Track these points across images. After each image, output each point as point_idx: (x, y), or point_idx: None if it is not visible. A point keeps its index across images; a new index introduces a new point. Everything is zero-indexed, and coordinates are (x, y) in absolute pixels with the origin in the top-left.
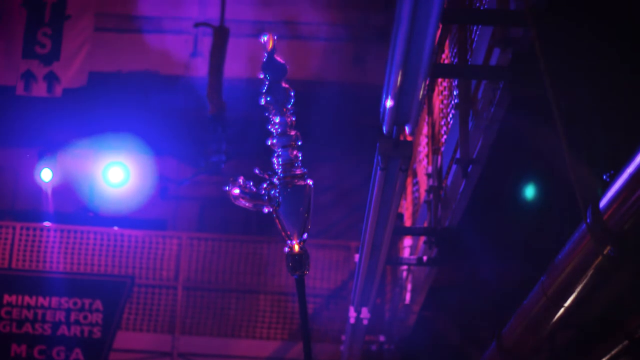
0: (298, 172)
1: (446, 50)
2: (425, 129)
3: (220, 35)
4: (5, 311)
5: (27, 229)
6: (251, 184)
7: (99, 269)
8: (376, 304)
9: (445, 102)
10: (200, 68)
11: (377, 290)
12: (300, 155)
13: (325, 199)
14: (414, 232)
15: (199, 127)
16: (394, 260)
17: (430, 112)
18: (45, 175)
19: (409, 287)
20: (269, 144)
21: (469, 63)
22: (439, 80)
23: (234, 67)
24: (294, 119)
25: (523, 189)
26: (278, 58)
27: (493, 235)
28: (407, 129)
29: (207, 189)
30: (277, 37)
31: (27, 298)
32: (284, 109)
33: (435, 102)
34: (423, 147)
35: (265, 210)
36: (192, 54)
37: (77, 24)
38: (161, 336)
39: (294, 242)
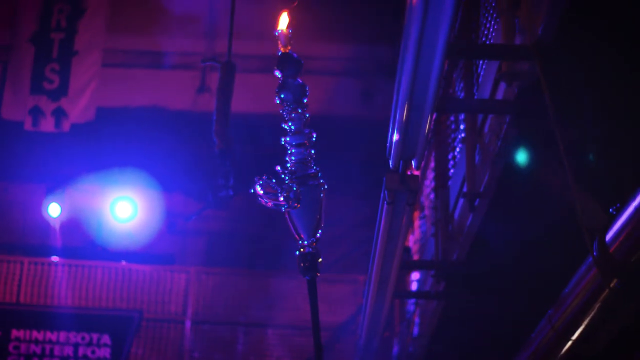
0: (311, 171)
1: (453, 84)
2: (432, 163)
3: (227, 71)
4: (13, 346)
5: (35, 263)
6: (273, 181)
7: (107, 304)
8: (384, 337)
9: (452, 135)
10: (208, 103)
11: (385, 324)
12: (313, 153)
13: (333, 232)
14: (421, 266)
15: (206, 162)
16: (402, 294)
17: (437, 146)
18: (53, 210)
19: (417, 320)
20: (283, 142)
21: (475, 97)
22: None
23: (241, 102)
24: (307, 115)
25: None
26: (293, 53)
27: (500, 269)
28: (413, 164)
29: (215, 224)
30: (291, 32)
31: (35, 333)
32: (300, 105)
33: (442, 136)
34: (430, 181)
35: (284, 209)
36: (199, 89)
37: (85, 60)
38: None
39: (307, 242)
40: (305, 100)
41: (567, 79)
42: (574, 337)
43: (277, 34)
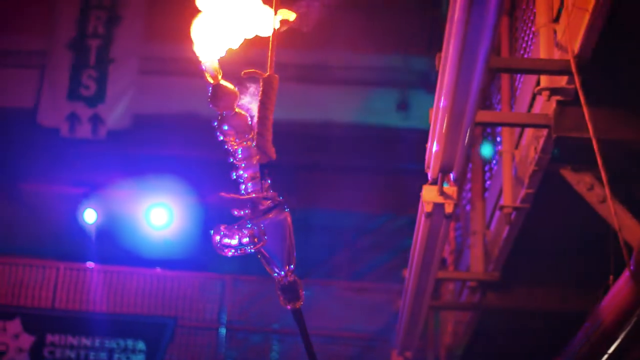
0: (273, 202)
1: (490, 96)
2: (468, 174)
3: (269, 83)
4: (48, 351)
5: (71, 269)
6: (235, 227)
7: (141, 310)
8: (419, 347)
9: None
10: (244, 111)
11: (421, 334)
12: (270, 182)
13: (367, 241)
14: (457, 277)
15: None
16: (438, 304)
17: (474, 157)
18: (89, 216)
19: (452, 331)
20: (235, 177)
21: (513, 110)
22: None
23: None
24: (254, 144)
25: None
26: (225, 85)
27: (536, 280)
28: (452, 176)
29: None
30: (218, 60)
31: (70, 338)
32: (245, 137)
33: (479, 148)
34: (466, 192)
35: (251, 250)
36: None
37: (122, 67)
38: None
39: (283, 273)
40: (249, 131)
41: (606, 94)
42: (610, 351)
43: (204, 67)
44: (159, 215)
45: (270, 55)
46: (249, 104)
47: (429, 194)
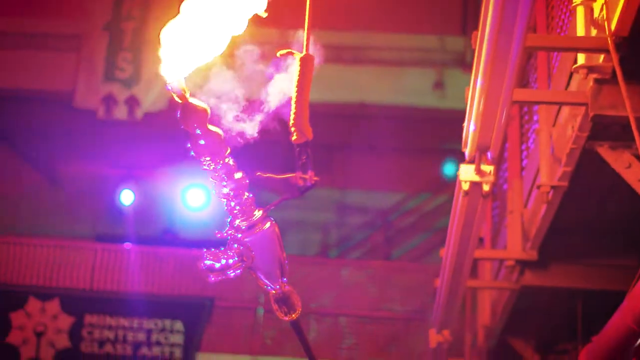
0: (258, 215)
1: (527, 75)
2: (505, 153)
3: (306, 63)
4: (87, 331)
5: (108, 250)
6: (219, 250)
7: (179, 291)
8: (457, 326)
9: (525, 126)
10: (281, 91)
11: (458, 313)
12: (252, 197)
13: (404, 221)
14: (494, 256)
15: (280, 152)
16: (475, 284)
17: (510, 136)
18: (126, 197)
19: (490, 310)
20: (215, 193)
21: (550, 88)
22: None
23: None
24: (233, 161)
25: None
26: (194, 103)
27: (574, 259)
28: (489, 155)
29: (286, 212)
30: (185, 79)
31: (108, 318)
32: (221, 156)
33: (515, 126)
34: (503, 171)
35: (240, 271)
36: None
37: (157, 49)
38: (240, 357)
39: (277, 285)
40: (225, 148)
41: None
42: None
43: (169, 87)
44: (195, 196)
45: (306, 34)
46: (286, 84)
47: (466, 173)
